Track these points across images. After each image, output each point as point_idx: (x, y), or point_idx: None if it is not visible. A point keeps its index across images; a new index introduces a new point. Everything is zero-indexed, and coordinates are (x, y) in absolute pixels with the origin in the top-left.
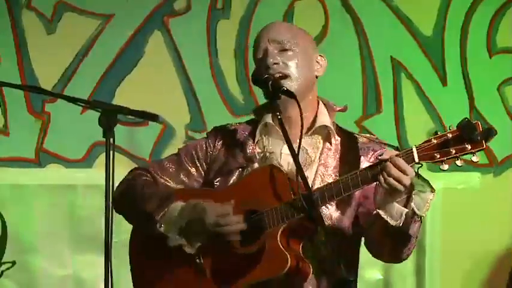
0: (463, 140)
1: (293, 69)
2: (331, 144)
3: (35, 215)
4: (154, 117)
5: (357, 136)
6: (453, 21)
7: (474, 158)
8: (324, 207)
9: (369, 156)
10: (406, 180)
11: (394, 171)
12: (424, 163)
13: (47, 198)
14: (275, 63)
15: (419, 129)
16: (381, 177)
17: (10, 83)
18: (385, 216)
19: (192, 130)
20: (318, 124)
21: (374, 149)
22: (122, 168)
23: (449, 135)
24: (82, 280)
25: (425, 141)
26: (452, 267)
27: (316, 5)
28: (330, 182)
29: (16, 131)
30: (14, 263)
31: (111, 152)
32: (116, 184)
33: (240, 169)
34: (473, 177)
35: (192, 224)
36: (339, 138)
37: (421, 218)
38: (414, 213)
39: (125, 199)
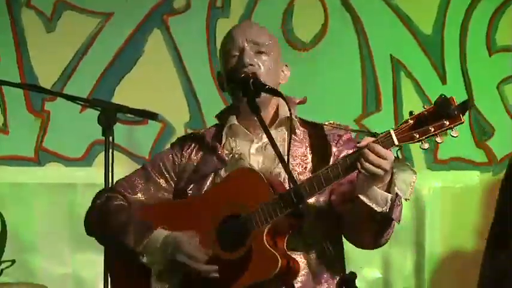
0: (441, 116)
1: (264, 73)
2: (295, 134)
3: (34, 213)
4: (153, 116)
5: (322, 125)
6: (453, 20)
7: (453, 133)
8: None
9: (335, 141)
10: (386, 165)
11: (373, 157)
12: (404, 144)
13: (47, 197)
14: (251, 64)
15: None
16: (359, 164)
17: (10, 81)
18: (370, 203)
19: (191, 128)
20: (281, 116)
21: (339, 134)
22: (121, 167)
23: (426, 113)
24: (82, 279)
25: (403, 123)
26: (451, 265)
27: (316, 3)
28: (310, 176)
29: (16, 130)
30: (13, 261)
31: (111, 151)
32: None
33: (213, 174)
34: (472, 175)
35: (168, 256)
36: (302, 129)
37: (401, 201)
38: (396, 197)
39: (100, 228)
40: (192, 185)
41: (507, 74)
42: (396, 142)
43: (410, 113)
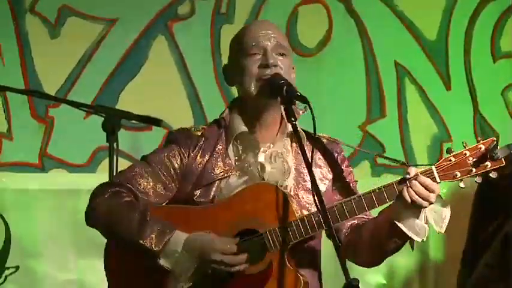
0: (484, 158)
1: (283, 75)
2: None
3: (38, 219)
4: (157, 122)
5: (318, 136)
6: (457, 26)
7: (492, 175)
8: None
9: (335, 158)
10: (433, 199)
11: (422, 191)
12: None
13: (51, 203)
14: (274, 65)
15: (423, 133)
16: (406, 194)
17: (13, 87)
18: (409, 233)
19: None
20: (290, 128)
21: (336, 150)
22: None
23: (468, 153)
24: (86, 284)
25: (444, 160)
26: (456, 271)
27: (320, 9)
28: (351, 197)
29: (20, 136)
30: (17, 267)
31: (115, 157)
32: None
33: (219, 180)
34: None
35: (197, 259)
36: (308, 143)
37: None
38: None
39: (108, 225)
40: (199, 191)
41: (511, 81)
42: (438, 180)
43: (448, 150)
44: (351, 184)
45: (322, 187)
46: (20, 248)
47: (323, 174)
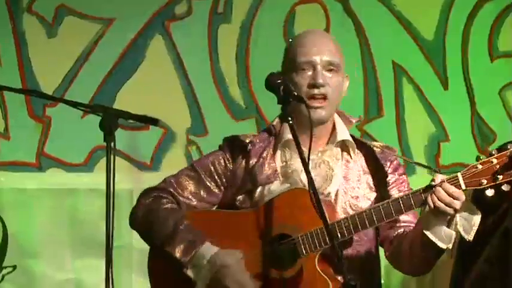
0: (511, 167)
1: (331, 92)
2: (351, 156)
3: (36, 219)
4: (155, 122)
5: (370, 145)
6: (454, 26)
7: None
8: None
9: (387, 166)
10: (457, 205)
11: (445, 197)
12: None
13: (48, 202)
14: (322, 86)
15: (420, 133)
16: (430, 200)
17: (11, 87)
18: (434, 240)
19: (193, 134)
20: (339, 138)
21: (390, 159)
22: (123, 173)
23: (495, 161)
24: (83, 284)
25: (471, 167)
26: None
27: (318, 9)
28: (380, 203)
29: (17, 135)
30: (14, 267)
31: (112, 156)
32: (117, 188)
33: (261, 186)
34: None
35: (214, 275)
36: (358, 151)
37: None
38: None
39: (145, 230)
40: (241, 196)
41: (509, 80)
42: (463, 187)
43: (477, 157)
44: (402, 193)
45: (372, 195)
46: (17, 248)
47: (373, 183)
